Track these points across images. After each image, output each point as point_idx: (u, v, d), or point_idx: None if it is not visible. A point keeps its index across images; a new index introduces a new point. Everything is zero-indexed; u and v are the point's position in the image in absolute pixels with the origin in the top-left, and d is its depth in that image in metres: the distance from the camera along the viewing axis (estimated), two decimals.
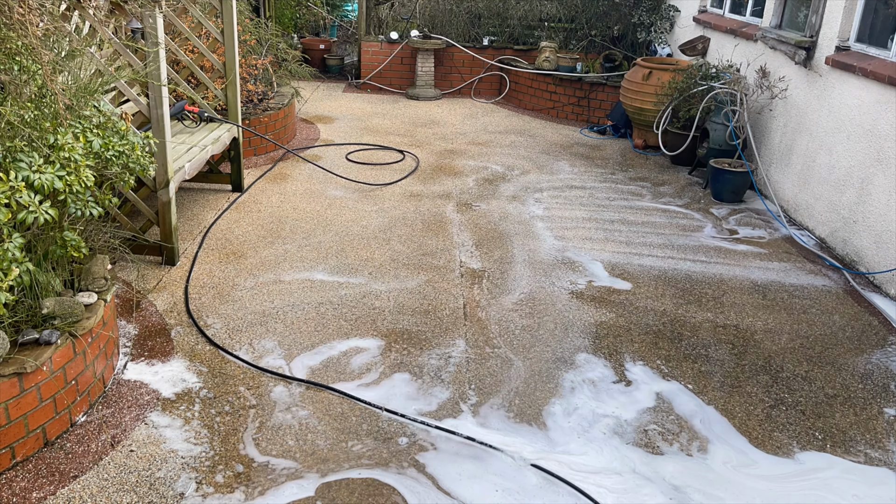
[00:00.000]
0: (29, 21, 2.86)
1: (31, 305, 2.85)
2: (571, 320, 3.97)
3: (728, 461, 2.96)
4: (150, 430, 2.97)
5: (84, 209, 2.90)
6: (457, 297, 4.16)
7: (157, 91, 3.95)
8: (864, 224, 4.73)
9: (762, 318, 4.10)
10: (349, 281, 4.30)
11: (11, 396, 2.64)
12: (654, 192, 6.13)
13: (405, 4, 10.20)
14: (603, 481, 2.81)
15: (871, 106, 4.72)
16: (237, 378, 3.34)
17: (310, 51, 10.21)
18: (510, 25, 9.45)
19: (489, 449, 2.94)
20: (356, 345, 3.66)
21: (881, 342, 3.92)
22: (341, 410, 3.15)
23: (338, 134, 7.38)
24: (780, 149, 5.92)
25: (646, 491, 2.78)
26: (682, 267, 4.68)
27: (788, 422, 3.23)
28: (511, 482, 2.78)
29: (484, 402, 3.24)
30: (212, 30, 5.17)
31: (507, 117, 8.48)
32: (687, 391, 3.39)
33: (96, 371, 3.09)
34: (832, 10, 5.26)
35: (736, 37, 6.92)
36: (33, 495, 2.61)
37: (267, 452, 2.88)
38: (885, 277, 4.47)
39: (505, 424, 3.10)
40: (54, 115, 2.98)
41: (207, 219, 5.08)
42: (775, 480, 2.88)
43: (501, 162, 6.75)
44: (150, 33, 3.84)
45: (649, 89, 7.05)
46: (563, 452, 2.95)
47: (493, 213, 5.45)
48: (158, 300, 3.98)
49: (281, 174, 6.08)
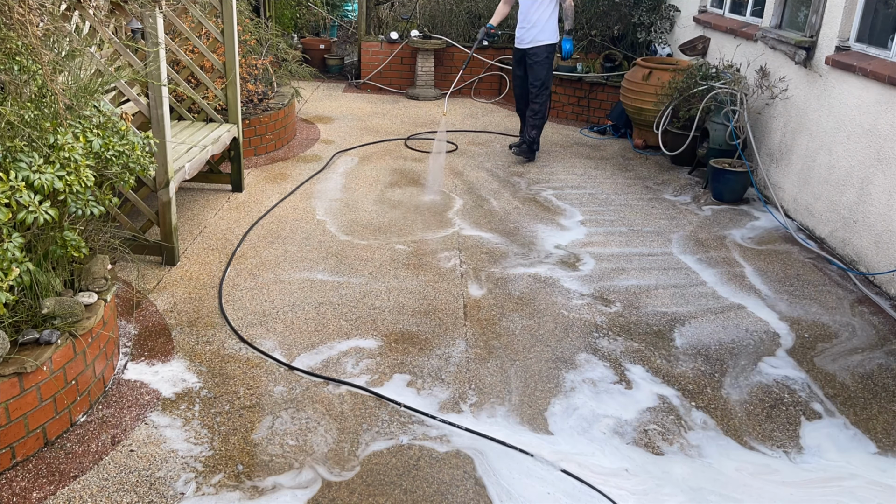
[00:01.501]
0: (29, 21, 2.86)
1: (31, 305, 2.85)
2: (571, 320, 3.98)
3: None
4: (151, 430, 2.98)
5: (84, 209, 2.90)
6: (457, 297, 4.17)
7: (157, 91, 3.95)
8: (864, 224, 4.73)
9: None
10: (349, 281, 4.30)
11: (11, 396, 2.65)
12: (654, 191, 6.13)
13: (405, 4, 10.20)
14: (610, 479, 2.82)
15: (871, 106, 4.72)
16: (237, 378, 3.34)
17: (310, 51, 10.21)
18: (510, 25, 9.45)
19: (513, 450, 2.95)
20: (356, 345, 3.66)
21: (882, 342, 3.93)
22: (341, 410, 3.15)
23: (338, 134, 7.38)
24: (780, 149, 5.92)
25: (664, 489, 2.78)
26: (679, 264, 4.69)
27: (788, 421, 3.24)
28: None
29: (484, 402, 3.25)
30: (212, 30, 5.17)
31: (507, 117, 8.48)
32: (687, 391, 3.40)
33: (96, 371, 3.09)
34: (832, 10, 5.26)
35: (736, 37, 6.92)
36: (33, 495, 2.61)
37: (267, 452, 2.88)
38: (885, 278, 4.47)
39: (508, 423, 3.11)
40: (54, 115, 2.98)
41: (208, 219, 5.08)
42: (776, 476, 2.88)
43: (501, 162, 6.75)
44: (150, 33, 3.84)
45: (649, 89, 7.05)
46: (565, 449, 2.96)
47: (495, 212, 5.45)
48: (158, 300, 3.98)
49: (281, 174, 6.08)
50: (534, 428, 3.10)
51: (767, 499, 2.78)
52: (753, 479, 2.88)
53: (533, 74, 6.52)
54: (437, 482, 2.77)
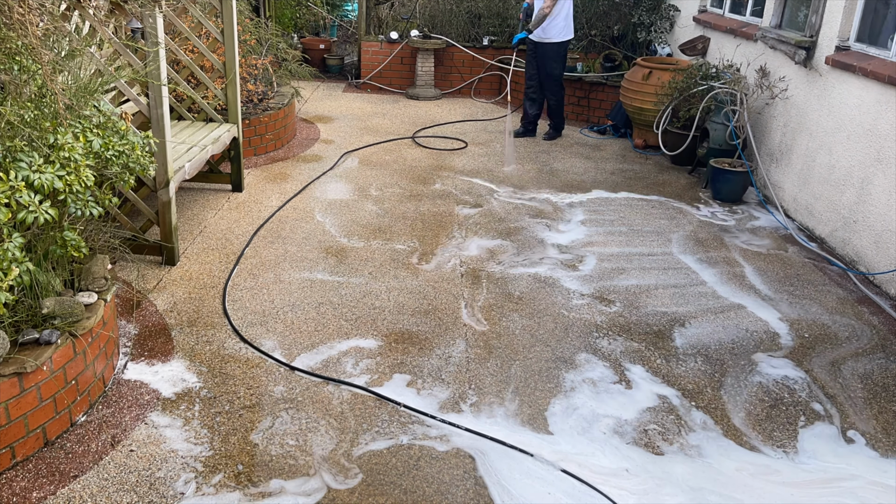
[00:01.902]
0: (29, 21, 2.86)
1: (31, 305, 2.85)
2: (571, 319, 3.98)
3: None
4: (151, 429, 2.98)
5: (84, 209, 2.90)
6: (457, 297, 4.17)
7: (157, 91, 3.95)
8: (864, 224, 4.73)
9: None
10: (349, 281, 4.30)
11: (11, 396, 2.65)
12: (653, 191, 6.13)
13: (405, 4, 10.20)
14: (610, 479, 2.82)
15: (871, 106, 4.72)
16: (237, 378, 3.34)
17: (310, 51, 10.21)
18: (510, 25, 9.45)
19: (513, 450, 2.95)
20: (356, 345, 3.66)
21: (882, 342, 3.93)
22: (341, 410, 3.15)
23: (338, 134, 7.38)
24: (780, 148, 5.92)
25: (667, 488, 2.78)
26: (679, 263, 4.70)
27: (788, 421, 3.24)
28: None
29: (484, 402, 3.25)
30: (212, 30, 5.17)
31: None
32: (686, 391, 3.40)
33: (96, 371, 3.09)
34: (832, 9, 5.26)
35: (736, 36, 6.92)
36: (33, 495, 2.61)
37: (267, 452, 2.88)
38: (885, 278, 4.47)
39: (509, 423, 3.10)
40: (54, 115, 2.98)
41: (208, 219, 5.08)
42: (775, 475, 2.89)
43: (501, 162, 6.75)
44: (150, 33, 3.84)
45: (649, 89, 7.05)
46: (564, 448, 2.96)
47: (495, 212, 5.45)
48: (158, 300, 3.98)
49: (281, 174, 6.08)
50: (534, 428, 3.10)
51: (768, 499, 2.78)
52: (754, 480, 2.88)
53: (542, 68, 7.37)
54: (438, 482, 2.77)
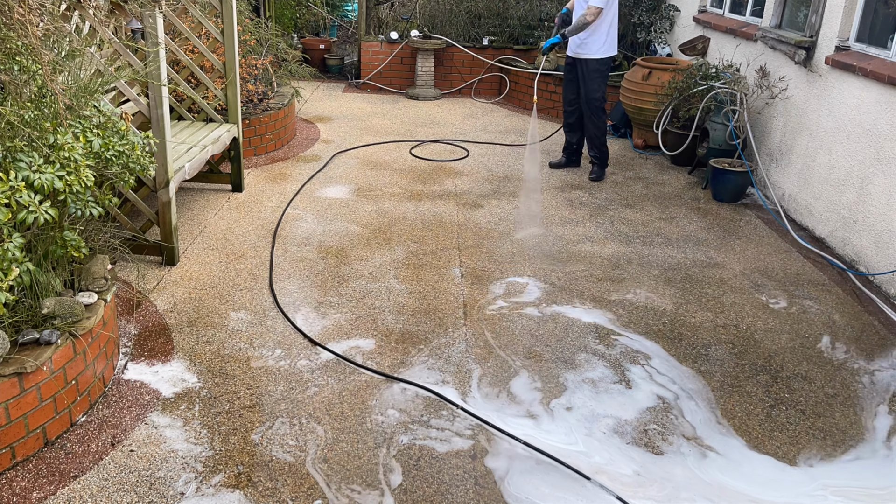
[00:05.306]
0: (29, 21, 2.86)
1: (31, 305, 2.85)
2: (571, 319, 3.98)
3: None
4: (151, 430, 2.98)
5: (84, 209, 2.91)
6: (457, 297, 4.17)
7: (157, 91, 3.95)
8: (863, 224, 4.73)
9: (762, 318, 4.11)
10: (349, 280, 4.30)
11: (11, 396, 2.65)
12: (653, 191, 6.13)
13: (405, 4, 10.20)
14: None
15: (871, 106, 4.72)
16: (237, 378, 3.34)
17: (310, 51, 10.21)
18: (510, 25, 9.45)
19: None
20: (356, 344, 3.66)
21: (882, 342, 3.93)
22: (341, 411, 3.15)
23: (338, 134, 7.38)
24: (780, 148, 5.92)
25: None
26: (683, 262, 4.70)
27: (788, 421, 3.24)
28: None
29: (484, 402, 3.25)
30: (212, 30, 5.17)
31: (507, 117, 8.48)
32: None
33: (96, 371, 3.10)
34: (832, 9, 5.26)
35: (736, 37, 6.92)
36: (33, 495, 2.61)
37: (268, 453, 2.88)
38: (885, 278, 4.47)
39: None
40: (54, 115, 2.98)
41: (208, 219, 5.08)
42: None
43: (501, 162, 6.75)
44: (150, 33, 3.84)
45: (649, 89, 7.05)
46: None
47: (495, 213, 5.45)
48: (158, 300, 3.98)
49: (281, 174, 6.08)
50: (534, 427, 3.10)
51: (768, 499, 2.78)
52: (754, 480, 2.88)
53: (584, 87, 6.18)
54: (438, 482, 2.77)
